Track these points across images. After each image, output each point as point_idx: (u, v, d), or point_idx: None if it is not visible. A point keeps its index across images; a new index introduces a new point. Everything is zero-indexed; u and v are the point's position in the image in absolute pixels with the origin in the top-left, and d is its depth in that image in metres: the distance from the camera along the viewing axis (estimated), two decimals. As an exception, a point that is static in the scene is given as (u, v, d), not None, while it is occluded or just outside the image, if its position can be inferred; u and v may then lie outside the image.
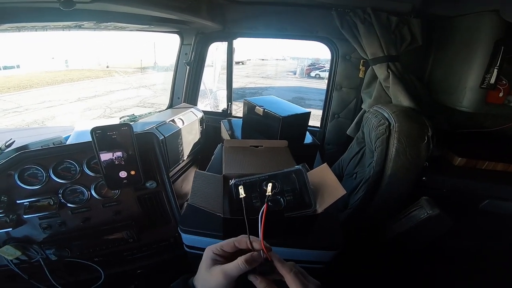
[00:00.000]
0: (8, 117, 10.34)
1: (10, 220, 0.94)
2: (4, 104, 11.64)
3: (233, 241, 0.55)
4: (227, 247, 0.55)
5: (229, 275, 0.50)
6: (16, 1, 0.92)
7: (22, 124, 9.56)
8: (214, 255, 0.54)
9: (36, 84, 15.14)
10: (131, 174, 0.98)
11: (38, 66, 18.48)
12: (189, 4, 1.42)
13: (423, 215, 1.01)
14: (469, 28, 1.32)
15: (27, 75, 16.47)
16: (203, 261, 0.54)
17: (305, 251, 0.85)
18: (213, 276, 0.51)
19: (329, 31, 1.76)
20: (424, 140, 1.12)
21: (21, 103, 11.67)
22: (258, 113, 1.59)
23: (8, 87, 14.09)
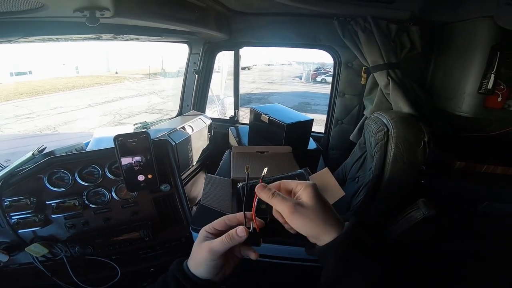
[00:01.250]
0: (21, 122, 10.60)
1: (38, 220, 1.03)
2: (17, 110, 11.92)
3: (225, 218, 0.59)
4: (218, 225, 0.58)
5: (214, 250, 0.53)
6: (44, 16, 1.01)
7: (34, 130, 9.80)
8: (206, 233, 0.57)
9: (48, 90, 15.49)
10: (148, 177, 1.07)
11: (49, 72, 18.88)
12: (198, 16, 1.50)
13: (419, 216, 1.05)
14: (466, 34, 1.35)
15: (39, 81, 16.83)
16: (196, 240, 0.58)
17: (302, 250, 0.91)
18: (201, 250, 0.54)
19: (332, 40, 1.82)
20: (420, 145, 1.17)
21: (33, 109, 11.95)
22: (263, 120, 1.68)
23: (20, 93, 14.44)
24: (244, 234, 0.54)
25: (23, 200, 1.01)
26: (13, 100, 13.54)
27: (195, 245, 0.57)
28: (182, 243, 1.23)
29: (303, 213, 0.52)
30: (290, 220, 0.53)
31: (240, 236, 0.53)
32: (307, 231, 0.53)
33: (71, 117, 11.34)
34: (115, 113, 11.68)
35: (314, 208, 0.52)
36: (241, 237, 0.54)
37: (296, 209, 0.52)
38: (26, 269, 1.07)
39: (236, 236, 0.53)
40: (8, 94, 14.35)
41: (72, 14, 0.96)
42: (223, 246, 0.53)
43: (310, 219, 0.52)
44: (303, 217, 0.52)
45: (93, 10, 0.94)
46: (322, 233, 0.52)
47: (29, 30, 1.04)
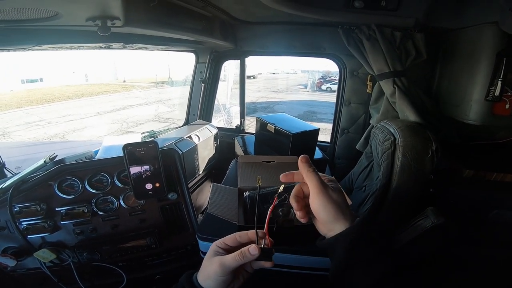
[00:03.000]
0: (31, 130, 10.80)
1: (48, 226, 1.05)
2: (27, 117, 12.15)
3: (236, 235, 0.60)
4: (229, 240, 0.60)
5: (225, 265, 0.54)
6: (58, 25, 1.05)
7: (44, 137, 9.96)
8: (217, 247, 0.59)
9: (58, 98, 15.79)
10: (156, 186, 1.09)
11: (60, 79, 19.26)
12: (204, 26, 1.53)
13: (428, 224, 1.04)
14: (471, 41, 1.33)
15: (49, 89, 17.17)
16: (207, 254, 0.59)
17: (312, 258, 0.91)
18: (212, 264, 0.56)
19: (336, 48, 1.82)
20: (428, 154, 1.16)
21: (43, 117, 12.18)
22: (270, 130, 1.69)
23: (31, 100, 14.74)
24: (257, 252, 0.55)
25: (33, 206, 1.03)
26: (24, 107, 13.83)
27: (206, 259, 0.58)
28: (188, 250, 1.23)
29: (330, 194, 0.56)
30: (315, 197, 0.56)
31: (253, 254, 0.55)
32: (326, 214, 0.56)
33: (80, 125, 11.52)
34: (122, 121, 11.84)
35: (339, 195, 0.58)
36: (253, 256, 0.55)
37: (326, 188, 0.57)
38: (33, 274, 1.08)
39: (248, 254, 0.55)
40: (19, 101, 14.65)
41: (85, 23, 0.99)
42: (234, 262, 0.55)
43: (333, 202, 0.56)
44: (328, 198, 0.56)
45: (105, 19, 0.98)
46: (337, 221, 0.56)
47: (43, 38, 1.08)
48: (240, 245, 0.59)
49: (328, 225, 0.57)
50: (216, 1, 1.41)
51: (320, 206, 0.56)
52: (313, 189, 0.57)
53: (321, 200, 0.56)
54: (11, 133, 10.44)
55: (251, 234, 0.60)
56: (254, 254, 0.55)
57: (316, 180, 0.57)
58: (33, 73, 18.13)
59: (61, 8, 0.89)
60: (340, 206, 0.56)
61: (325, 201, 0.56)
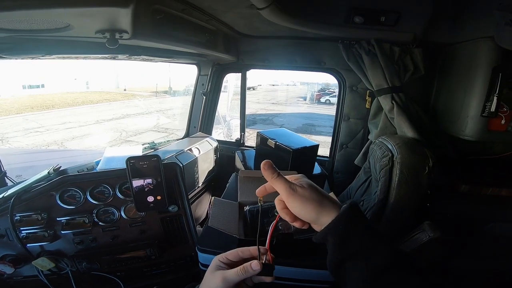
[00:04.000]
0: (30, 136, 10.75)
1: (48, 235, 1.05)
2: (26, 124, 12.10)
3: (238, 250, 0.61)
4: (231, 256, 0.61)
5: (227, 280, 0.55)
6: (68, 36, 1.07)
7: (42, 144, 9.92)
8: (219, 262, 0.60)
9: (58, 105, 15.76)
10: (157, 199, 1.10)
11: (61, 86, 19.25)
12: (208, 39, 1.57)
13: (425, 238, 1.05)
14: (467, 55, 1.35)
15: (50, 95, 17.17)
16: (209, 268, 0.60)
17: (312, 271, 0.91)
18: (214, 278, 0.57)
19: (336, 63, 1.84)
20: (425, 171, 1.18)
21: (43, 123, 12.13)
22: (270, 145, 1.70)
23: (31, 107, 14.71)
24: (259, 268, 0.56)
25: (34, 215, 1.04)
26: (23, 113, 13.81)
27: (209, 272, 0.59)
28: (186, 262, 1.24)
29: (301, 194, 0.55)
30: (289, 202, 0.55)
31: (255, 270, 0.56)
32: (306, 214, 0.55)
33: (79, 132, 11.49)
34: (121, 130, 11.83)
35: (310, 190, 0.55)
36: (255, 271, 0.56)
37: (295, 190, 0.55)
38: (30, 281, 1.08)
39: (250, 270, 0.56)
40: (19, 107, 14.64)
41: (94, 35, 1.02)
42: (237, 277, 0.56)
43: (307, 201, 0.54)
44: (301, 198, 0.54)
45: (113, 32, 1.00)
46: (320, 215, 0.54)
47: (52, 48, 1.12)
48: (242, 260, 0.60)
49: (316, 222, 0.55)
50: (220, 15, 1.45)
51: (297, 208, 0.55)
52: (283, 194, 0.56)
53: (295, 202, 0.55)
54: (9, 139, 10.40)
55: (253, 250, 0.61)
56: (256, 270, 0.56)
57: (282, 184, 0.56)
58: (34, 79, 18.19)
59: (73, 20, 0.92)
60: (316, 200, 0.54)
61: (298, 202, 0.54)
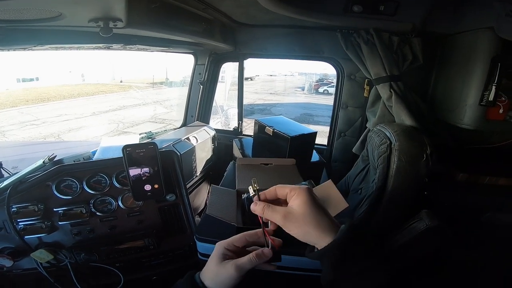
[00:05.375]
0: (26, 129, 10.66)
1: (45, 226, 1.04)
2: (22, 117, 11.99)
3: (245, 235, 0.62)
4: (238, 242, 0.61)
5: (242, 268, 0.55)
6: (60, 25, 1.05)
7: (39, 137, 9.85)
8: (225, 250, 0.59)
9: (53, 97, 15.59)
10: (154, 187, 1.09)
11: (56, 79, 19.03)
12: (204, 28, 1.54)
13: (422, 227, 1.05)
14: (467, 46, 1.35)
15: (45, 88, 16.99)
16: (213, 256, 0.59)
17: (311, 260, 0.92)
18: (226, 269, 0.56)
19: (335, 52, 1.83)
20: (423, 158, 1.18)
21: (38, 116, 12.01)
22: (268, 133, 1.69)
23: (26, 100, 14.54)
24: (271, 254, 0.57)
25: (30, 206, 1.03)
26: (19, 106, 13.66)
27: (215, 264, 0.58)
28: (185, 252, 1.24)
29: (294, 221, 0.53)
30: (285, 228, 0.55)
31: (267, 256, 0.57)
32: (302, 238, 0.55)
33: (76, 124, 11.41)
34: (119, 121, 11.76)
35: (305, 215, 0.53)
36: (267, 257, 0.57)
37: (287, 217, 0.54)
38: (29, 274, 1.08)
39: (263, 256, 0.57)
40: (14, 100, 14.46)
41: (87, 24, 0.99)
42: (251, 264, 0.56)
43: (301, 227, 0.53)
44: (295, 225, 0.54)
45: (107, 20, 0.98)
46: (317, 239, 0.53)
47: (44, 38, 1.08)
48: (248, 244, 0.61)
49: (313, 243, 0.56)
50: (217, 4, 1.42)
51: (294, 234, 0.54)
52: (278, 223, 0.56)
53: (291, 230, 0.54)
54: (5, 132, 10.31)
55: (260, 232, 0.61)
56: (268, 256, 0.57)
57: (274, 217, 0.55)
58: (29, 72, 17.94)
59: (65, 9, 0.89)
60: (313, 225, 0.53)
61: (294, 229, 0.54)
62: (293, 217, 0.54)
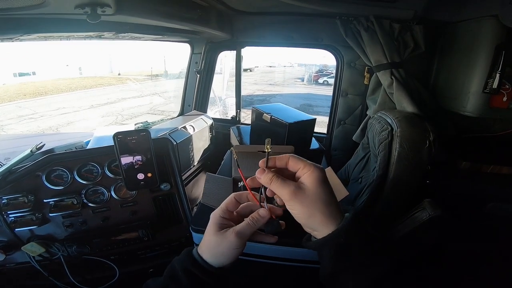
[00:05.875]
0: (24, 123, 10.64)
1: (36, 218, 1.01)
2: (20, 111, 11.95)
3: (233, 196, 0.57)
4: (230, 205, 0.56)
5: (241, 234, 0.51)
6: (46, 13, 1.00)
7: (37, 131, 9.83)
8: (221, 218, 0.55)
9: (51, 91, 15.54)
10: (148, 176, 1.05)
11: (53, 73, 18.96)
12: (200, 15, 1.49)
13: (425, 217, 1.03)
14: (470, 33, 1.33)
15: (42, 82, 16.92)
16: (209, 227, 0.55)
17: (309, 251, 0.89)
18: (226, 237, 0.52)
19: (334, 39, 1.81)
20: (426, 145, 1.15)
21: (36, 110, 11.99)
22: (265, 120, 1.66)
23: (24, 94, 14.50)
24: (266, 214, 0.53)
25: (20, 198, 1.00)
26: (16, 100, 13.60)
27: (213, 234, 0.53)
28: (181, 243, 1.21)
29: (302, 200, 0.48)
30: (289, 206, 0.50)
31: (263, 217, 0.53)
32: (305, 221, 0.50)
33: (74, 118, 11.37)
34: (117, 114, 11.72)
35: (316, 195, 0.48)
36: (264, 218, 0.53)
37: (296, 194, 0.48)
38: (23, 268, 1.05)
39: (260, 218, 0.53)
40: (11, 94, 14.40)
41: (73, 11, 0.95)
42: (250, 229, 0.52)
43: (309, 208, 0.48)
44: (302, 204, 0.48)
45: (94, 6, 0.93)
46: (320, 224, 0.49)
47: (30, 27, 1.03)
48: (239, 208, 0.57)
49: (312, 229, 0.51)
50: (212, -11, 1.37)
51: (296, 214, 0.49)
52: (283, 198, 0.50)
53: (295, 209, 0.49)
54: (3, 127, 10.28)
55: (249, 195, 0.57)
56: (264, 216, 0.53)
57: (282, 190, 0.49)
58: (25, 66, 17.83)
59: (48, -5, 0.84)
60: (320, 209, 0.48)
61: (299, 209, 0.48)
62: (303, 195, 0.48)
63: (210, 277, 0.52)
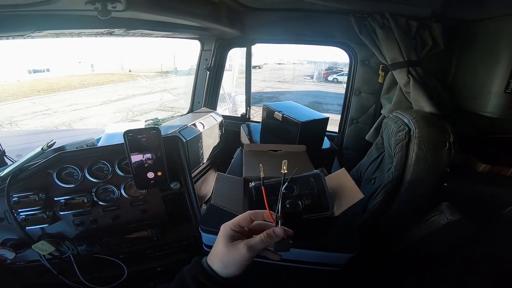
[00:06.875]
0: (38, 119, 10.89)
1: (47, 217, 1.01)
2: (34, 107, 12.24)
3: (249, 214, 0.59)
4: (243, 222, 0.58)
5: (254, 249, 0.54)
6: (56, 9, 1.00)
7: (51, 126, 10.05)
8: (232, 231, 0.56)
9: (64, 88, 15.88)
10: (158, 175, 1.04)
11: (66, 70, 19.36)
12: (210, 12, 1.48)
13: (443, 221, 1.00)
14: (491, 32, 1.29)
15: (56, 79, 17.28)
16: (220, 238, 0.56)
17: (321, 253, 0.87)
18: (238, 249, 0.53)
19: (347, 36, 1.76)
20: (446, 146, 1.10)
21: (50, 106, 12.27)
22: (277, 118, 1.63)
23: (38, 90, 14.86)
24: (282, 233, 0.55)
25: (31, 196, 0.99)
26: (30, 97, 13.92)
27: (224, 245, 0.55)
28: (190, 243, 1.20)
29: None
30: None
31: (278, 235, 0.55)
32: None
33: (86, 114, 11.57)
34: (128, 110, 11.88)
35: None
36: (278, 237, 0.55)
37: None
38: (33, 266, 1.05)
39: (274, 236, 0.55)
40: (26, 91, 14.76)
41: (84, 7, 0.94)
42: (262, 244, 0.55)
43: None
44: None
45: (105, 2, 0.92)
46: None
47: (41, 24, 1.03)
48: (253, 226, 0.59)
49: None
50: (222, -14, 1.35)
51: None
52: None
53: None
54: (18, 122, 10.53)
55: (265, 213, 0.59)
56: (279, 235, 0.55)
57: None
58: (40, 63, 18.23)
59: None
60: None
61: None
62: None
63: (218, 287, 0.54)
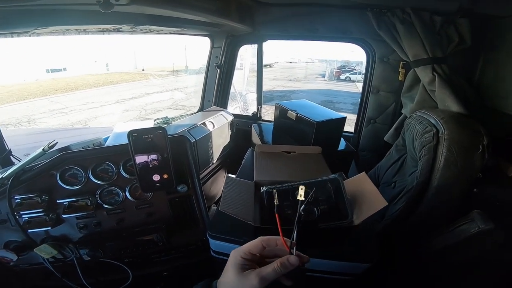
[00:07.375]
0: (55, 117, 11.19)
1: (49, 219, 0.97)
2: (51, 105, 12.60)
3: (261, 241, 0.55)
4: (254, 249, 0.55)
5: (265, 279, 0.50)
6: (59, 3, 0.97)
7: (67, 124, 10.30)
8: (242, 260, 0.53)
9: (80, 86, 16.31)
10: (164, 177, 0.98)
11: (82, 69, 19.88)
12: (219, 6, 1.43)
13: (473, 229, 0.91)
14: None
15: (72, 78, 17.78)
16: (230, 266, 0.54)
17: (336, 263, 0.81)
18: (249, 280, 0.51)
19: (365, 32, 1.68)
20: (479, 150, 1.00)
21: (66, 104, 12.60)
22: (290, 117, 1.55)
23: (55, 89, 15.29)
24: (297, 262, 0.52)
25: (34, 198, 0.96)
26: (48, 95, 14.33)
27: (235, 275, 0.52)
28: (198, 247, 1.15)
29: None
30: None
31: (294, 264, 0.52)
32: None
33: (101, 112, 11.82)
34: (141, 108, 12.06)
35: None
36: (294, 265, 0.52)
37: None
38: (37, 269, 1.03)
39: (288, 265, 0.52)
40: (44, 90, 15.20)
41: (86, 1, 0.92)
42: (275, 274, 0.51)
43: None
44: None
45: (108, -5, 0.88)
46: None
47: (44, 19, 1.00)
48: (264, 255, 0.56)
49: None
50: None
51: None
52: None
53: None
54: (36, 120, 10.84)
55: (279, 240, 0.55)
56: (294, 264, 0.52)
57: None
58: (57, 63, 18.77)
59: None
60: None
61: None
62: None
63: None
